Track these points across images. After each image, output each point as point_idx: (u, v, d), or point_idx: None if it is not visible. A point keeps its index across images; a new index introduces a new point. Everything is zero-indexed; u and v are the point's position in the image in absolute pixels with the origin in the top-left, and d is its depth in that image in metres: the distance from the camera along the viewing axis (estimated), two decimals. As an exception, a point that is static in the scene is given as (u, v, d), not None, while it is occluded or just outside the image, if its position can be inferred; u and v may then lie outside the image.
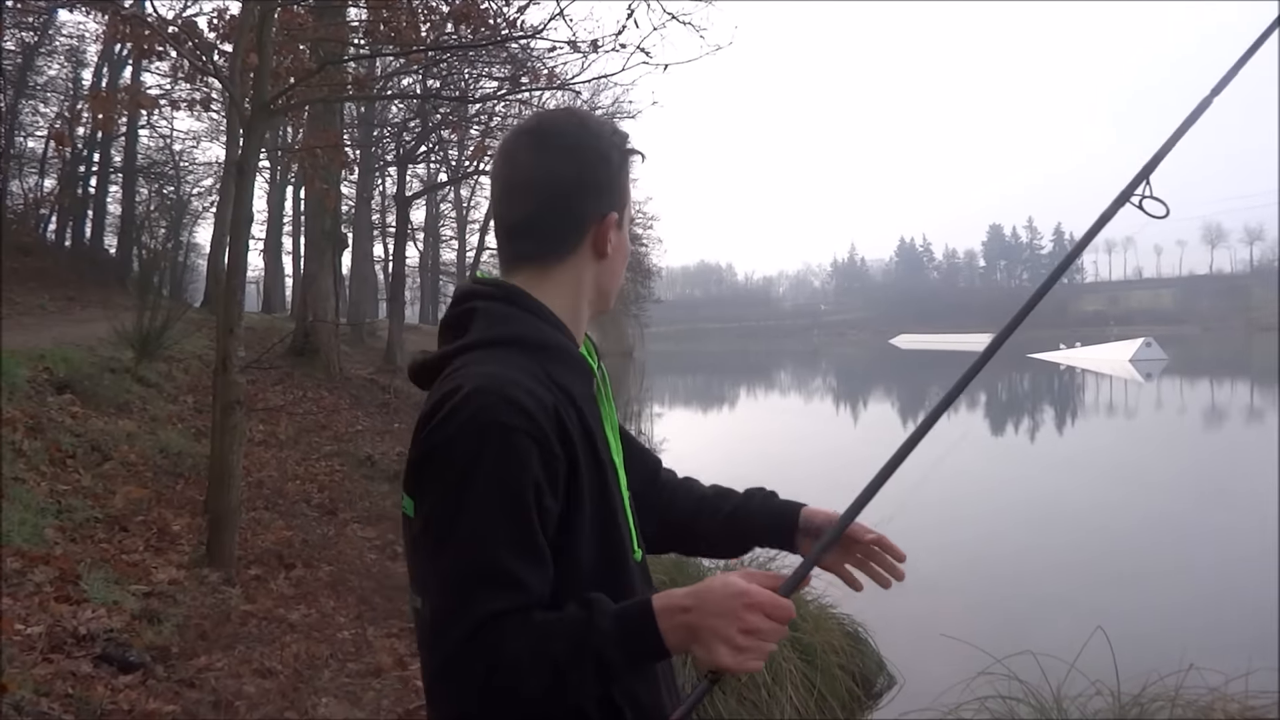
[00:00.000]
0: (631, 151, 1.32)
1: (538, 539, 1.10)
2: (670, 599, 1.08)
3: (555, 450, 1.12)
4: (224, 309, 5.60)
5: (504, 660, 1.06)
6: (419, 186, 27.48)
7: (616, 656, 1.07)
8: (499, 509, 1.08)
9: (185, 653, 4.06)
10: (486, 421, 1.09)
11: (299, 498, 7.65)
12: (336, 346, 15.04)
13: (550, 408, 1.14)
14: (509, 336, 1.21)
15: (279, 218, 29.95)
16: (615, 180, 1.29)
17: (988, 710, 3.77)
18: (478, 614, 1.06)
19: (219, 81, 5.87)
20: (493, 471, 1.08)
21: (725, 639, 1.04)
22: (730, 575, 1.08)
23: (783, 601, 1.07)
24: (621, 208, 1.30)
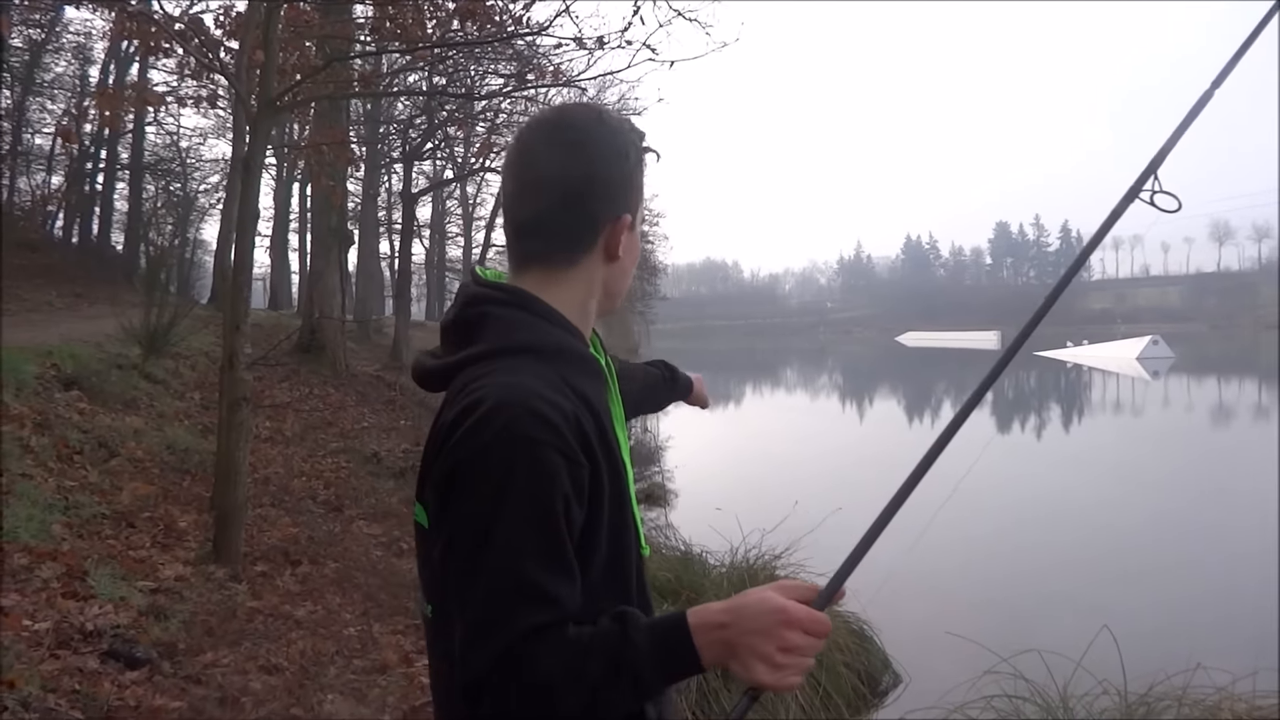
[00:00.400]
0: (647, 150, 1.29)
1: (568, 553, 1.10)
2: (706, 615, 1.07)
3: (580, 460, 1.12)
4: (230, 306, 5.61)
5: (539, 677, 1.05)
6: (425, 183, 27.49)
7: (652, 673, 1.06)
8: (532, 525, 1.07)
9: (191, 649, 4.07)
10: (515, 436, 1.08)
11: (305, 494, 7.66)
12: (343, 343, 15.06)
13: (572, 417, 1.13)
14: (525, 345, 1.20)
15: (285, 215, 30.01)
16: (630, 180, 1.25)
17: (994, 709, 3.76)
18: (516, 629, 1.05)
19: (225, 78, 5.88)
20: (525, 487, 1.07)
21: (763, 657, 1.04)
22: (767, 590, 1.07)
23: (820, 617, 1.07)
24: (635, 209, 1.27)
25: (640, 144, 1.28)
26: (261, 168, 5.63)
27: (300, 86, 5.98)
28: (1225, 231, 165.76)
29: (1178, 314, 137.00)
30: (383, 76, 9.76)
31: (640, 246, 1.33)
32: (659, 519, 8.94)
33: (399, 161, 22.24)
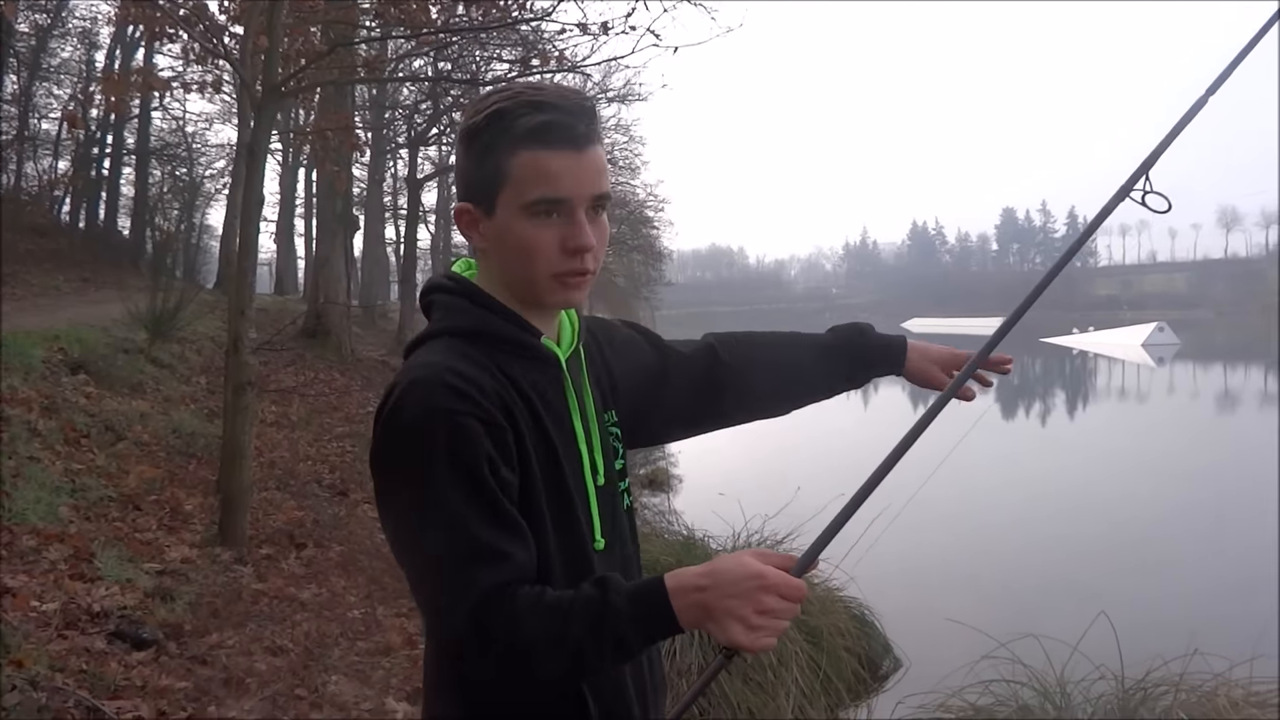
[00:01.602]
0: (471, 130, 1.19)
1: (507, 509, 1.14)
2: (684, 578, 1.10)
3: (500, 423, 1.15)
4: (235, 290, 5.64)
5: (520, 641, 1.09)
6: (430, 169, 27.47)
7: (633, 635, 1.09)
8: (463, 489, 1.11)
9: (197, 630, 4.11)
10: (432, 409, 1.12)
11: (310, 478, 7.71)
12: (348, 328, 15.10)
13: (490, 390, 1.16)
14: (452, 328, 1.24)
15: (291, 200, 30.02)
16: (463, 167, 1.22)
17: (991, 694, 3.79)
18: (478, 591, 1.09)
19: (229, 64, 5.89)
20: (446, 457, 1.11)
21: (740, 619, 1.06)
22: (743, 555, 1.10)
23: (796, 582, 1.09)
24: (483, 196, 1.20)
25: (489, 125, 1.18)
26: (266, 153, 5.64)
27: (305, 72, 5.98)
28: (1233, 218, 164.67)
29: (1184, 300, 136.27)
30: (387, 62, 9.75)
31: (524, 231, 1.18)
32: (662, 504, 8.97)
33: (404, 147, 22.24)
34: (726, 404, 1.53)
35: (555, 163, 1.16)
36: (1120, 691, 3.57)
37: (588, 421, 1.30)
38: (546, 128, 1.16)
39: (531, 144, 1.16)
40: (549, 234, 1.18)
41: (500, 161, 1.17)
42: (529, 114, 1.16)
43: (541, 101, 1.17)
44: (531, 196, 1.17)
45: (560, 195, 1.17)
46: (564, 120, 1.17)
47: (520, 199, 1.17)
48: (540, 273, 1.20)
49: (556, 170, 1.16)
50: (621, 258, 38.57)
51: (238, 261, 5.65)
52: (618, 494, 1.35)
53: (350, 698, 3.77)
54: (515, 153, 1.16)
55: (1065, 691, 3.66)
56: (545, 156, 1.16)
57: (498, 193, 1.19)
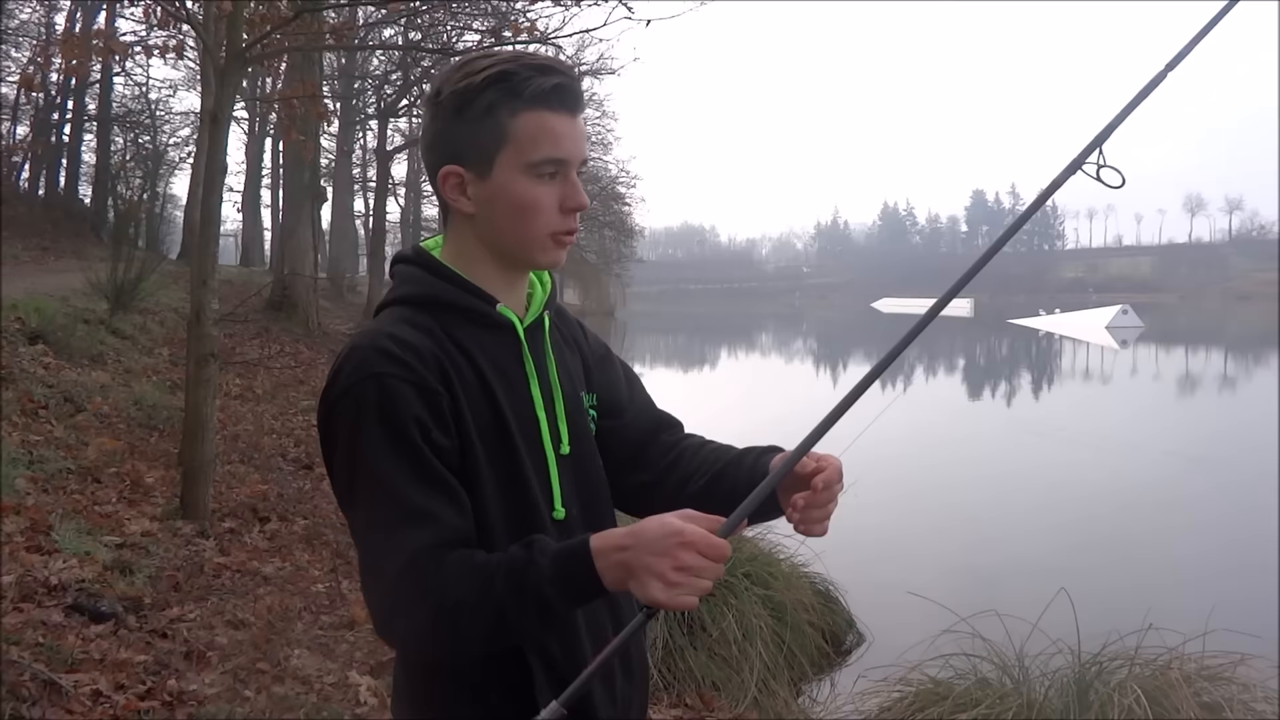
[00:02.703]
0: (467, 93, 1.19)
1: (439, 471, 1.15)
2: (608, 538, 1.09)
3: (434, 388, 1.17)
4: (198, 261, 5.54)
5: (448, 599, 1.10)
6: (400, 141, 27.15)
7: (556, 595, 1.09)
8: (393, 451, 1.13)
9: (157, 603, 4.06)
10: (364, 375, 1.16)
11: (275, 452, 7.63)
12: (315, 301, 14.95)
13: (428, 353, 1.18)
14: (406, 296, 1.27)
15: (258, 170, 29.58)
16: (450, 130, 1.23)
17: (951, 667, 3.84)
18: (406, 551, 1.11)
19: (193, 28, 5.75)
20: (376, 419, 1.14)
21: (658, 575, 1.05)
22: (668, 515, 1.09)
23: (717, 541, 1.07)
24: (479, 157, 1.21)
25: (464, 89, 1.19)
26: (230, 121, 5.53)
27: (270, 38, 5.86)
28: (1198, 203, 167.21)
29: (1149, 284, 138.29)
30: (357, 30, 9.58)
31: (525, 190, 1.21)
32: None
33: (374, 118, 21.96)
34: (643, 475, 1.44)
35: (559, 125, 1.20)
36: (1076, 665, 3.63)
37: (550, 389, 1.30)
38: (557, 90, 1.20)
39: (539, 105, 1.19)
40: (550, 193, 1.22)
41: (503, 122, 1.20)
42: (537, 77, 1.19)
43: (547, 66, 1.21)
44: (536, 156, 1.20)
45: (563, 156, 1.21)
46: (570, 84, 1.21)
47: (524, 158, 1.20)
48: (538, 231, 1.23)
49: (560, 132, 1.20)
50: (593, 234, 38.44)
51: (200, 231, 5.55)
52: (596, 470, 1.35)
53: (313, 671, 3.75)
54: (519, 114, 1.19)
55: (1023, 665, 3.72)
56: (551, 118, 1.20)
57: (497, 153, 1.21)
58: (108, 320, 9.28)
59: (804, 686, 4.96)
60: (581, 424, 1.34)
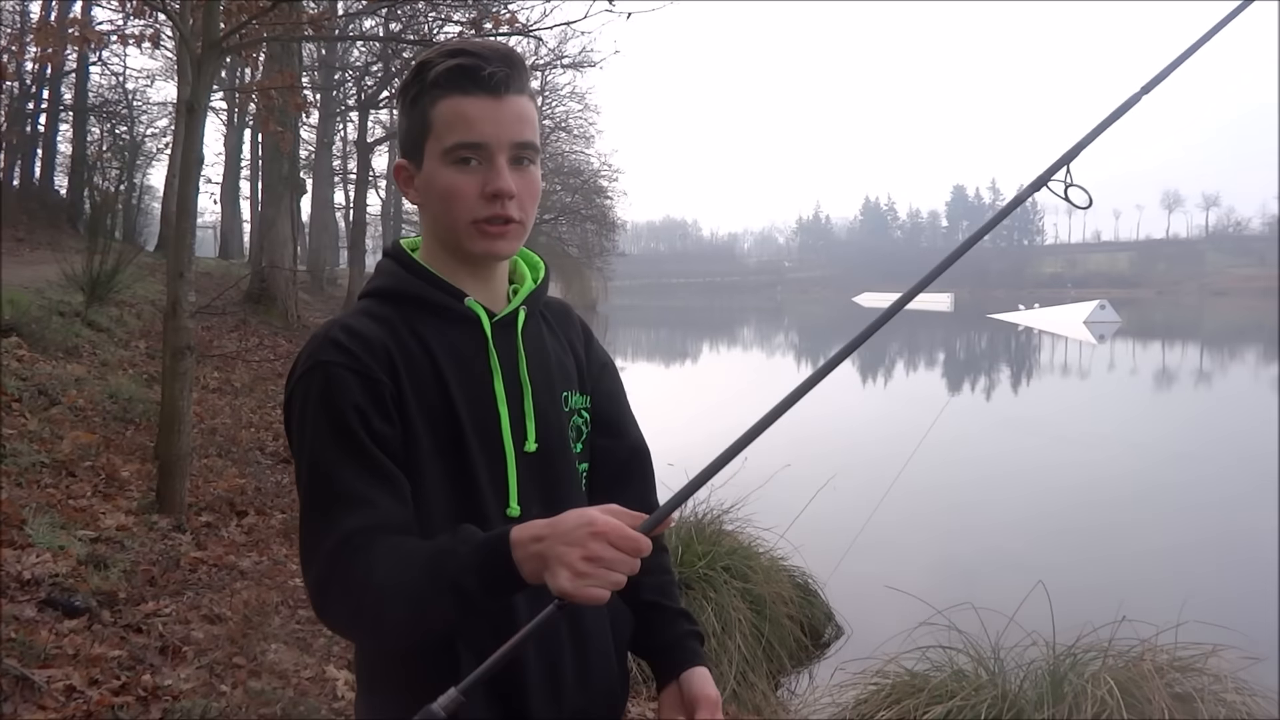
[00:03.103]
0: (404, 86, 1.23)
1: (376, 458, 1.16)
2: (528, 529, 1.08)
3: (377, 376, 1.18)
4: (174, 252, 5.49)
5: (371, 584, 1.10)
6: (381, 133, 26.98)
7: (473, 584, 1.08)
8: (330, 438, 1.16)
9: (132, 598, 4.03)
10: (313, 364, 1.19)
11: (253, 445, 7.58)
12: (294, 294, 14.85)
13: (378, 344, 1.20)
14: (374, 289, 1.30)
15: (237, 162, 29.35)
16: (404, 123, 1.26)
17: (928, 659, 3.87)
18: (336, 535, 1.12)
19: (169, 18, 5.69)
20: (318, 406, 1.17)
21: (568, 565, 1.02)
22: (588, 508, 1.07)
23: (630, 533, 1.04)
24: (413, 149, 1.24)
25: (418, 80, 1.21)
26: (206, 111, 5.48)
27: (247, 28, 5.81)
28: (1175, 199, 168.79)
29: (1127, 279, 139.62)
30: (337, 20, 9.51)
31: (445, 178, 1.20)
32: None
33: (354, 110, 21.81)
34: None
35: (472, 108, 1.18)
36: (1051, 657, 3.67)
37: (519, 385, 1.28)
38: (460, 71, 1.18)
39: (449, 90, 1.19)
40: (469, 179, 1.20)
41: (425, 111, 1.21)
42: (446, 60, 1.19)
43: (458, 49, 1.20)
44: (449, 141, 1.19)
45: (476, 140, 1.19)
46: (477, 65, 1.18)
47: (441, 145, 1.20)
48: (460, 219, 1.22)
49: (474, 115, 1.18)
50: (574, 227, 38.34)
51: (176, 222, 5.49)
52: (568, 471, 1.32)
53: (290, 666, 3.73)
54: (436, 101, 1.20)
55: (999, 657, 3.76)
56: (462, 102, 1.18)
57: (424, 142, 1.22)
58: (83, 313, 9.18)
59: (782, 679, 4.98)
60: (554, 421, 1.31)
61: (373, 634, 1.19)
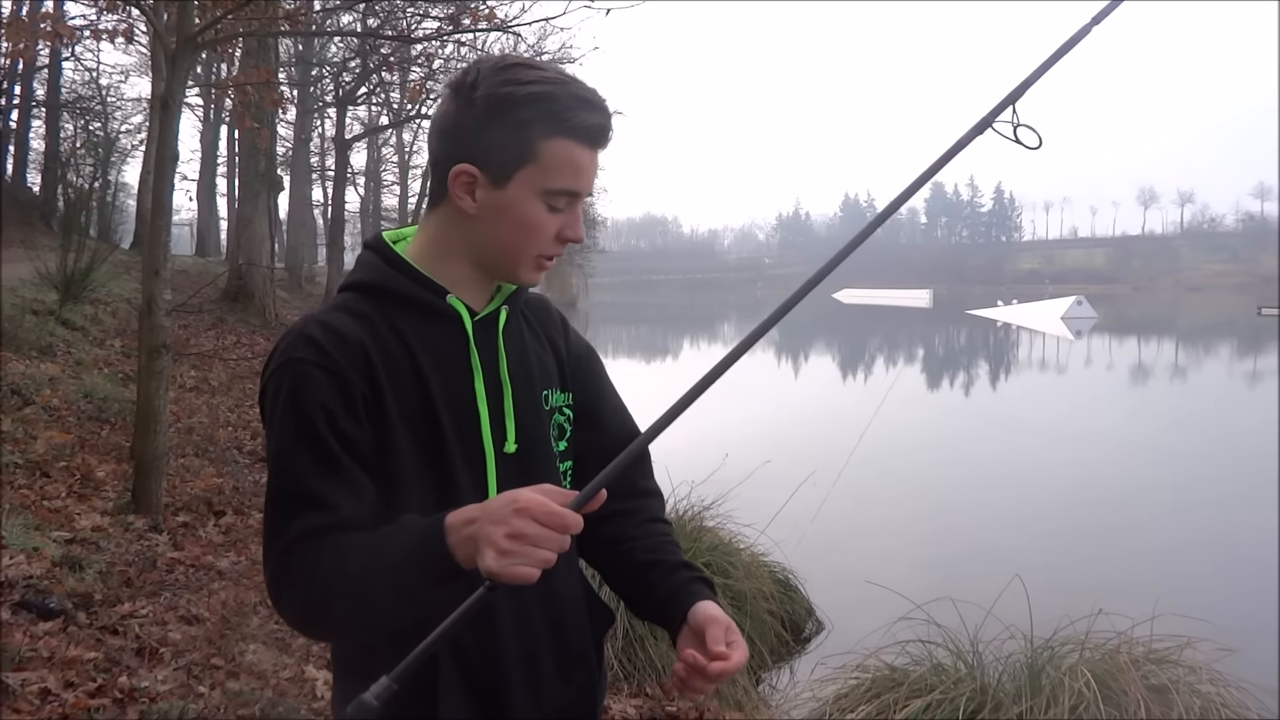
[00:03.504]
0: (507, 100, 1.17)
1: (340, 461, 1.15)
2: (461, 513, 1.06)
3: (349, 377, 1.17)
4: (149, 250, 5.43)
5: (317, 579, 1.10)
6: (359, 129, 26.82)
7: (411, 571, 1.07)
8: (296, 436, 1.16)
9: (108, 600, 3.99)
10: (286, 360, 1.18)
11: (231, 444, 7.53)
12: (272, 291, 14.75)
13: (355, 341, 1.19)
14: (354, 282, 1.29)
15: (213, 158, 29.12)
16: (478, 129, 1.19)
17: (908, 654, 3.89)
18: (290, 534, 1.13)
19: (142, 12, 5.63)
20: (289, 403, 1.16)
21: (492, 543, 1.01)
22: (520, 488, 1.05)
23: (556, 509, 1.02)
24: (499, 168, 1.19)
25: (505, 95, 1.18)
26: (181, 107, 5.43)
27: (222, 22, 5.75)
28: (1150, 196, 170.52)
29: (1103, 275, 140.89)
30: (314, 16, 9.44)
31: (534, 212, 1.21)
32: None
33: (332, 106, 21.66)
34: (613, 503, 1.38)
35: (584, 160, 1.22)
36: (1029, 650, 3.69)
37: (499, 384, 1.28)
38: (598, 130, 1.21)
39: (574, 137, 1.19)
40: (554, 220, 1.23)
41: (535, 140, 1.19)
42: (582, 111, 1.20)
43: (591, 101, 1.21)
44: (557, 185, 1.21)
45: (579, 190, 1.23)
46: (607, 125, 1.23)
47: (544, 183, 1.20)
48: (529, 252, 1.24)
49: (585, 166, 1.22)
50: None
51: (151, 220, 5.44)
52: (549, 472, 1.31)
53: (269, 666, 3.70)
54: (553, 137, 1.19)
55: (978, 651, 3.78)
56: (581, 152, 1.21)
57: (518, 168, 1.20)
58: (57, 311, 9.08)
59: (763, 674, 4.99)
60: (534, 421, 1.30)
61: (322, 627, 1.20)
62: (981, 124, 1.17)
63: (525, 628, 1.26)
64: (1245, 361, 26.94)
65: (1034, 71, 1.19)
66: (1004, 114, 1.17)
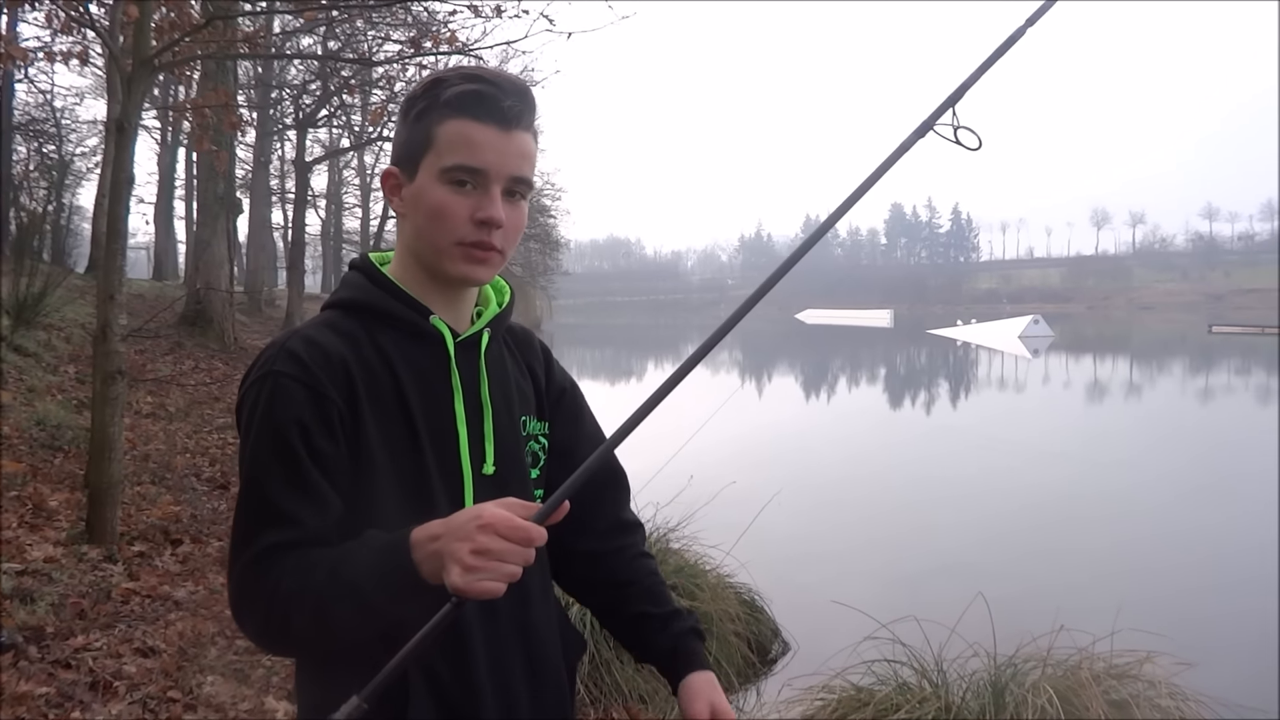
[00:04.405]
0: (411, 98, 1.24)
1: (310, 477, 1.15)
2: (427, 528, 1.07)
3: (328, 395, 1.17)
4: (104, 274, 5.34)
5: (279, 592, 1.10)
6: (320, 152, 26.65)
7: (373, 586, 1.06)
8: (268, 450, 1.15)
9: (61, 632, 3.89)
10: (264, 374, 1.18)
11: (188, 471, 7.39)
12: (231, 315, 14.55)
13: (337, 359, 1.20)
14: (339, 300, 1.30)
15: (170, 181, 28.75)
16: (398, 133, 1.27)
17: (873, 673, 3.90)
18: (254, 548, 1.12)
19: (97, 35, 5.56)
20: (264, 417, 1.16)
21: (457, 559, 1.01)
22: (484, 503, 1.06)
23: (519, 523, 1.02)
24: (408, 161, 1.24)
25: (426, 94, 1.23)
26: (137, 130, 5.36)
27: (179, 45, 5.70)
28: (1103, 216, 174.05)
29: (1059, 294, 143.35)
30: (273, 38, 9.39)
31: (438, 196, 1.21)
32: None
33: (292, 128, 21.52)
34: (590, 542, 1.44)
35: (479, 134, 1.20)
36: (992, 668, 3.73)
37: (479, 406, 1.28)
38: (476, 97, 1.20)
39: (460, 113, 1.20)
40: (462, 202, 1.21)
41: (430, 127, 1.22)
42: (463, 84, 1.21)
43: (477, 75, 1.22)
44: (450, 162, 1.20)
45: (477, 165, 1.20)
46: (493, 94, 1.20)
47: (440, 163, 1.21)
48: (446, 239, 1.22)
49: (479, 141, 1.20)
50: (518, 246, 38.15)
51: (106, 243, 5.35)
52: (523, 494, 1.28)
53: (227, 698, 3.63)
54: (444, 120, 1.21)
55: (942, 669, 3.80)
56: (471, 126, 1.20)
57: (422, 157, 1.22)
58: (9, 337, 8.88)
59: (730, 697, 4.96)
60: (512, 445, 1.31)
61: (282, 643, 1.19)
62: (923, 126, 1.19)
63: (499, 653, 1.26)
64: (1198, 378, 27.50)
65: (972, 74, 1.22)
66: (945, 117, 1.19)
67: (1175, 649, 3.92)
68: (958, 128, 1.18)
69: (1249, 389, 23.98)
